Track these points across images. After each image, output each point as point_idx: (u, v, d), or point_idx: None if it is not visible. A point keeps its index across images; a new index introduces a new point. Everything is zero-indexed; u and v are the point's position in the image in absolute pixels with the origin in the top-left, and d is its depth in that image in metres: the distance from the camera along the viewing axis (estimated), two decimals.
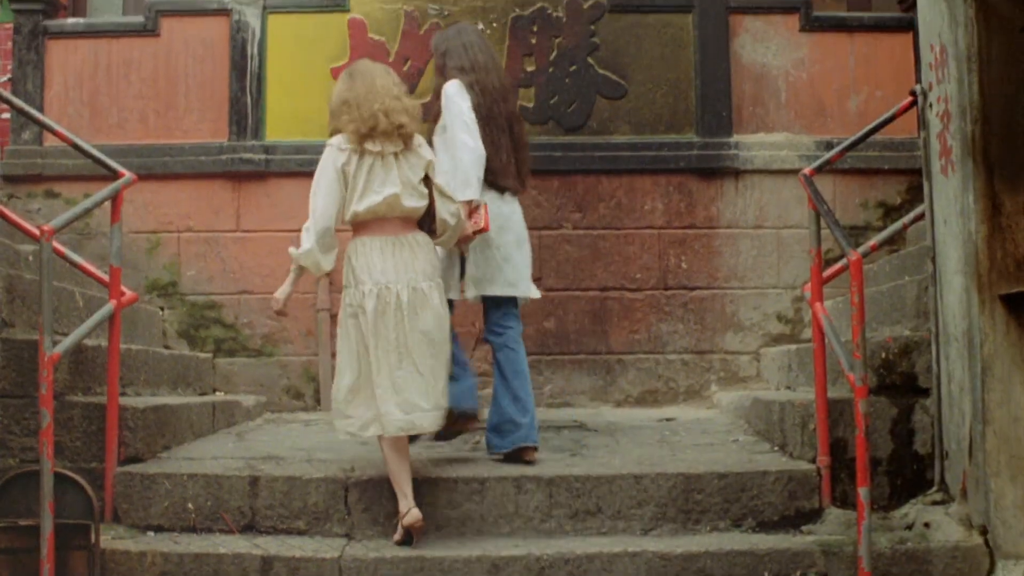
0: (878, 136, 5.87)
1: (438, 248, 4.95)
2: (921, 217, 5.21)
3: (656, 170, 7.56)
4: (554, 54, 7.64)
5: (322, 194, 4.71)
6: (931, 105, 4.86)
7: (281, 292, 4.91)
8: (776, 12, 7.78)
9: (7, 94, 5.77)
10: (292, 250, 4.79)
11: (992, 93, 4.46)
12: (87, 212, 5.08)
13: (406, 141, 4.76)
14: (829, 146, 7.14)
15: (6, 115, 7.36)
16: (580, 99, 7.62)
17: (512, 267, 5.26)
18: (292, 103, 7.50)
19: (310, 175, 4.86)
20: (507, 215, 5.28)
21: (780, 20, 7.76)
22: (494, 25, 7.62)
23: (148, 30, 7.65)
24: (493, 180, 5.20)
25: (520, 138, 5.43)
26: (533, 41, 7.63)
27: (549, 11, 7.65)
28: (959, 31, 4.51)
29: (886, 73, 7.65)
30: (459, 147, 5.04)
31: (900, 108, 5.24)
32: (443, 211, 4.82)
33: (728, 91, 7.63)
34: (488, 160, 5.12)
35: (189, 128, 7.60)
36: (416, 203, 4.75)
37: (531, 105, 7.58)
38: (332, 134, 4.82)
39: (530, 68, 7.62)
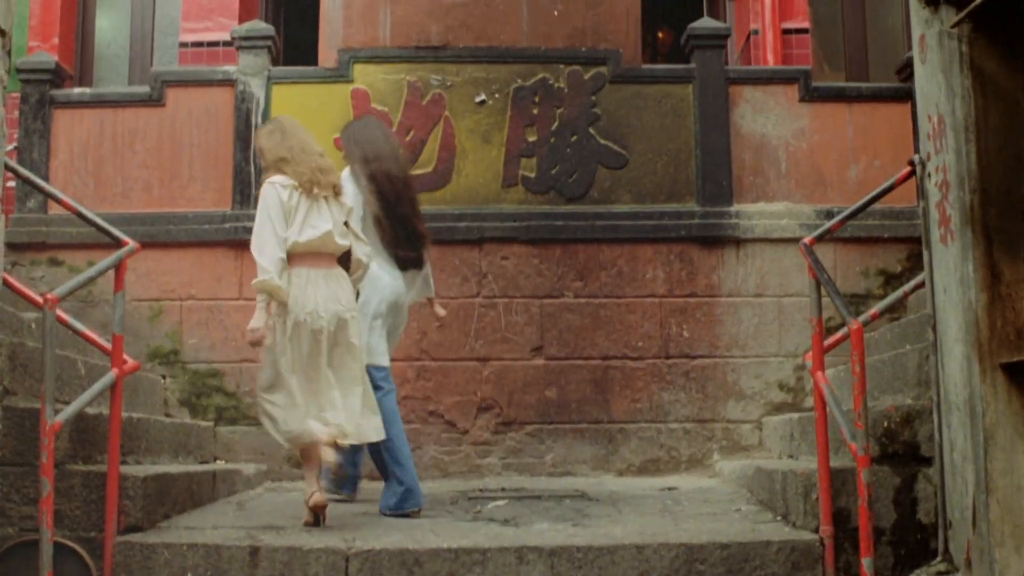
0: (878, 205, 5.91)
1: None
2: (921, 285, 5.21)
3: (657, 239, 7.60)
4: (555, 124, 7.71)
5: (272, 228, 5.15)
6: (930, 175, 4.89)
7: (256, 322, 5.19)
8: (775, 83, 7.89)
9: (13, 163, 5.81)
10: (256, 282, 5.13)
11: (990, 163, 4.48)
12: (91, 280, 5.10)
13: (335, 190, 5.42)
14: (829, 215, 7.19)
15: (11, 183, 7.42)
16: (581, 169, 7.67)
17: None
18: None
19: None
20: (403, 289, 5.96)
21: (780, 90, 7.86)
22: (496, 96, 7.70)
23: (154, 100, 7.74)
24: (397, 254, 5.87)
25: (419, 218, 6.08)
26: (535, 111, 7.71)
27: (551, 82, 7.73)
28: (956, 102, 4.54)
29: (884, 142, 7.73)
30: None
31: (899, 178, 5.27)
32: (359, 252, 5.47)
33: (728, 161, 7.70)
34: (395, 237, 5.85)
35: (193, 197, 7.66)
36: (344, 241, 5.37)
37: (533, 175, 7.64)
38: (269, 175, 5.36)
39: (531, 138, 7.69)
